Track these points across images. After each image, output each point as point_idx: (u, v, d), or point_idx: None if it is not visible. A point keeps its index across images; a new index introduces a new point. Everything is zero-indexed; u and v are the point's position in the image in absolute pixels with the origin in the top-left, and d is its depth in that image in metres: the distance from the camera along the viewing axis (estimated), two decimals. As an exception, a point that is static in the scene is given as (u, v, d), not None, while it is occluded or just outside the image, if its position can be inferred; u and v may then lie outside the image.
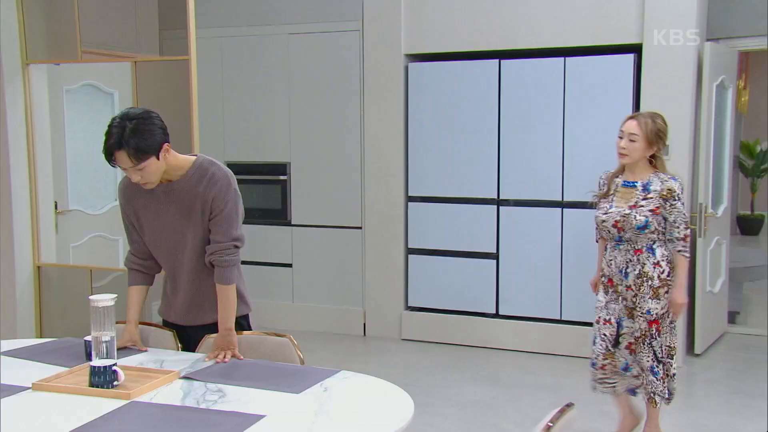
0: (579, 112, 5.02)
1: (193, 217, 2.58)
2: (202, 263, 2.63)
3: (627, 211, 3.34)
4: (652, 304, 3.37)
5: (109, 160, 2.43)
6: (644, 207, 3.33)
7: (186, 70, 4.03)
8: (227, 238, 2.58)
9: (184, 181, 2.57)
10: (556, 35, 5.04)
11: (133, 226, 2.70)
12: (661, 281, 3.36)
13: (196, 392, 2.23)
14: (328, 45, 5.67)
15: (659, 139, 3.35)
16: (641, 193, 3.36)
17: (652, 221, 3.32)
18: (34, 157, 4.59)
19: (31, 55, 4.53)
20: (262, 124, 5.91)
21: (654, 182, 3.36)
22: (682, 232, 3.34)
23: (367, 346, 5.55)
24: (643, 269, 3.36)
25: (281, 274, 5.91)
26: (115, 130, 2.40)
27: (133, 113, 2.44)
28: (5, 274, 4.55)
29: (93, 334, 2.28)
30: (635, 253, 3.38)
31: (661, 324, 3.41)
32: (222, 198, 2.56)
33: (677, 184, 3.34)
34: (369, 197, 5.61)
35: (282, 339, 2.67)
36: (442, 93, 5.35)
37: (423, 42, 5.40)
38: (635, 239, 3.36)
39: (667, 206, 3.33)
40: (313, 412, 2.10)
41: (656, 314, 3.39)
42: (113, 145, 2.40)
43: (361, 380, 2.39)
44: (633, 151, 3.35)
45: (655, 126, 3.34)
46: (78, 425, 1.96)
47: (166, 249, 2.66)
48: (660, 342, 3.43)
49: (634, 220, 3.32)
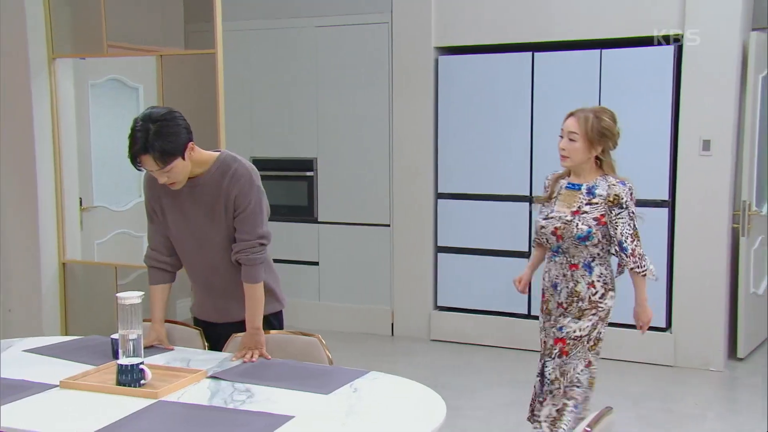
0: (615, 106, 4.86)
1: (217, 214, 2.60)
2: (229, 259, 2.64)
3: (569, 218, 2.97)
4: (568, 322, 3.00)
5: (135, 164, 2.46)
6: (588, 214, 2.95)
7: (212, 64, 4.06)
8: (253, 236, 2.59)
9: (207, 177, 2.59)
10: (592, 26, 4.99)
11: (158, 218, 2.71)
12: (590, 303, 3.00)
13: (223, 392, 2.25)
14: (356, 38, 5.67)
15: (603, 139, 2.97)
16: (585, 197, 2.99)
17: (596, 232, 2.93)
18: (60, 152, 4.65)
19: (57, 50, 4.60)
20: (288, 119, 5.93)
21: (600, 186, 2.98)
22: (630, 246, 2.94)
23: (395, 347, 5.55)
24: (575, 287, 3.00)
25: (307, 273, 5.93)
26: (139, 134, 2.41)
27: (156, 114, 2.44)
28: (31, 271, 4.63)
29: (120, 332, 2.32)
30: (570, 268, 3.01)
31: (570, 347, 2.99)
32: (245, 195, 2.57)
33: (625, 190, 2.95)
34: (397, 194, 5.61)
35: (310, 338, 2.68)
36: (472, 87, 5.33)
37: (453, 34, 5.38)
38: (573, 252, 2.99)
39: (612, 215, 2.94)
40: (344, 413, 2.11)
41: (567, 333, 3.00)
42: (139, 150, 2.42)
43: (391, 381, 2.39)
44: (573, 151, 2.97)
45: (599, 123, 2.96)
46: (106, 424, 1.99)
47: (191, 246, 2.68)
48: (556, 363, 3.01)
49: (576, 229, 2.94)
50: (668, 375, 4.80)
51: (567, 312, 3.02)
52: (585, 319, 2.99)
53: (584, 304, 3.00)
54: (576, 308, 3.01)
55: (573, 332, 3.00)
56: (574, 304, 3.01)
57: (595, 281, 2.99)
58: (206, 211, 2.60)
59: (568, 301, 3.02)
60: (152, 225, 2.74)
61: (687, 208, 4.84)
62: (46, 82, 4.57)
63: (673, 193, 4.89)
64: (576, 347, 3.00)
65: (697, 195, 4.81)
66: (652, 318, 3.09)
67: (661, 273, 4.92)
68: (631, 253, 2.95)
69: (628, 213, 2.95)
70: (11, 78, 4.55)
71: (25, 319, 4.67)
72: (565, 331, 3.00)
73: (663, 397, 4.44)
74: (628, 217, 2.95)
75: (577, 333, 2.99)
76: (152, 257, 2.74)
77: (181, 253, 2.73)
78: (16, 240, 4.66)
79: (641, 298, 3.04)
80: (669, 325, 4.98)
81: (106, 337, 2.68)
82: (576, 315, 3.00)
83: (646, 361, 4.96)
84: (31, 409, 2.12)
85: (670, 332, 4.97)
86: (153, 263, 2.74)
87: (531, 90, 5.16)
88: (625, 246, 2.94)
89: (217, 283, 2.70)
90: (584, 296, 2.99)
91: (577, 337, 3.00)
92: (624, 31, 4.90)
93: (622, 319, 5.02)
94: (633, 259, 2.96)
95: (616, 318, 5.05)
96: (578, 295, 3.00)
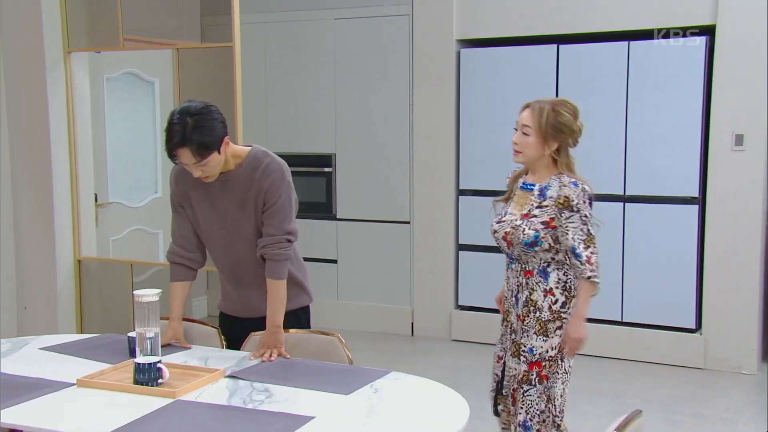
0: (644, 100, 4.92)
1: (247, 209, 2.63)
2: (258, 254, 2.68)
3: (518, 222, 2.77)
4: (536, 341, 2.76)
5: (172, 158, 2.50)
6: (537, 218, 2.74)
7: (229, 57, 4.07)
8: (280, 231, 2.62)
9: (239, 171, 2.62)
10: (620, 17, 4.94)
11: (185, 212, 2.73)
12: (552, 314, 2.74)
13: (242, 392, 2.25)
14: (376, 30, 5.67)
15: (560, 134, 2.73)
16: (537, 199, 2.77)
17: (545, 237, 2.72)
18: (75, 147, 4.69)
19: (73, 43, 4.63)
20: (306, 114, 5.94)
21: (553, 186, 2.75)
22: (584, 253, 2.69)
23: (415, 347, 5.54)
24: (531, 296, 2.77)
25: (325, 271, 5.94)
26: (177, 128, 2.45)
27: (194, 108, 2.49)
28: (46, 268, 4.68)
29: (137, 330, 2.33)
30: (525, 275, 2.79)
31: (546, 369, 2.76)
32: (275, 190, 2.61)
33: (577, 191, 2.69)
34: (418, 190, 5.60)
35: (330, 338, 2.68)
36: (495, 80, 5.30)
37: (476, 26, 5.36)
38: (525, 258, 2.78)
39: (562, 219, 2.70)
40: (364, 414, 2.11)
41: (540, 355, 2.75)
42: (177, 144, 2.46)
43: (413, 382, 2.38)
44: (525, 146, 2.76)
45: (555, 117, 2.72)
46: (123, 423, 2.00)
47: (221, 240, 2.70)
48: (539, 391, 2.77)
49: (522, 234, 2.73)
50: (698, 378, 4.76)
51: (525, 325, 2.78)
52: (552, 335, 2.74)
53: (544, 315, 2.75)
54: (534, 320, 2.76)
55: (546, 353, 2.75)
56: (532, 314, 2.76)
57: (552, 288, 2.75)
58: (237, 205, 2.63)
59: (525, 312, 2.78)
60: (178, 219, 2.76)
61: (718, 205, 4.79)
62: (61, 76, 4.61)
63: (703, 190, 4.84)
64: (553, 367, 2.76)
65: (728, 192, 4.75)
66: (585, 341, 2.75)
67: (690, 272, 4.88)
68: (586, 260, 2.69)
69: (580, 216, 2.69)
70: (27, 72, 4.59)
71: (40, 316, 4.72)
72: (538, 353, 2.75)
73: (693, 400, 4.40)
74: (580, 221, 2.69)
75: (550, 353, 2.75)
76: (176, 253, 2.76)
77: (210, 246, 2.75)
78: (31, 237, 4.71)
79: (582, 312, 2.73)
80: (699, 326, 4.93)
81: (123, 335, 2.70)
82: (537, 330, 2.75)
83: (675, 363, 4.92)
84: (49, 408, 2.14)
85: (700, 333, 4.92)
86: (176, 259, 2.76)
87: (556, 84, 5.13)
88: (579, 252, 2.69)
89: (245, 277, 2.73)
90: (542, 306, 2.75)
91: (551, 357, 2.75)
92: (653, 22, 4.85)
93: (648, 319, 5.02)
94: (590, 267, 2.70)
95: (643, 318, 5.07)
96: (535, 304, 2.76)
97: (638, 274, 5.00)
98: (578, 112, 2.78)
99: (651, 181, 4.94)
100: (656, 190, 4.93)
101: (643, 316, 5.03)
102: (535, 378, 2.77)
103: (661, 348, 4.96)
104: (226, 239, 2.69)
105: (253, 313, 2.76)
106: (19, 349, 2.67)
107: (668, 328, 4.98)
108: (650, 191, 4.95)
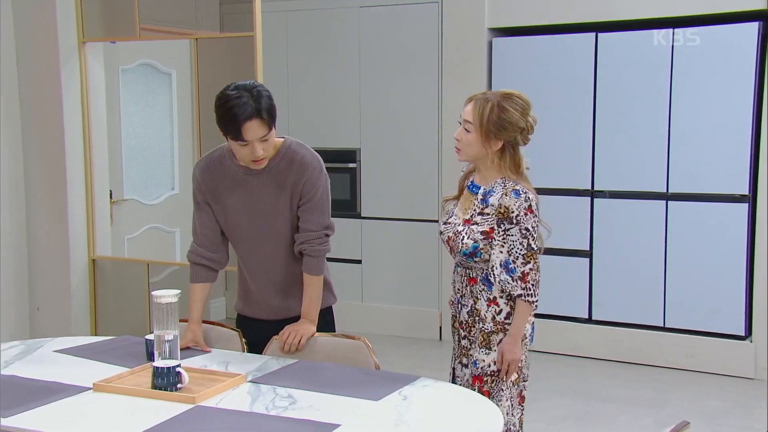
0: (689, 91, 4.87)
1: (282, 203, 2.67)
2: (291, 251, 2.72)
3: (459, 228, 2.69)
4: (479, 354, 2.69)
5: (239, 137, 2.49)
6: (477, 226, 2.65)
7: (250, 47, 4.10)
8: (318, 226, 2.67)
9: (273, 163, 2.66)
10: (663, 3, 4.89)
11: (209, 209, 2.74)
12: (495, 324, 2.67)
13: (264, 397, 2.27)
14: (403, 18, 5.67)
15: (503, 132, 2.61)
16: (479, 205, 2.68)
17: (484, 248, 2.63)
18: (90, 141, 4.75)
19: (88, 33, 4.69)
20: (329, 107, 5.96)
21: (496, 192, 2.65)
22: (519, 269, 2.59)
23: (443, 352, 5.53)
24: (475, 305, 2.70)
25: (349, 271, 5.96)
26: (243, 100, 2.47)
27: (245, 83, 2.54)
28: (60, 268, 4.74)
29: (155, 333, 2.35)
30: (469, 282, 2.73)
31: (488, 385, 2.68)
32: (314, 183, 2.65)
33: (518, 202, 2.59)
34: (447, 187, 5.59)
35: (356, 342, 2.69)
36: (530, 71, 5.28)
37: (509, 14, 5.34)
38: (468, 264, 2.71)
39: (500, 231, 2.61)
40: (392, 422, 2.11)
41: (482, 369, 2.69)
42: (250, 114, 2.47)
43: (443, 388, 2.39)
44: (466, 144, 2.67)
45: (499, 113, 2.60)
46: (142, 429, 2.03)
47: (250, 236, 2.73)
48: None
49: (461, 244, 2.66)
50: (748, 388, 4.70)
51: (470, 335, 2.72)
52: (495, 347, 2.67)
53: (487, 326, 2.67)
54: (478, 331, 2.69)
55: (488, 366, 2.68)
56: (476, 325, 2.70)
57: (497, 297, 2.66)
58: (272, 197, 2.67)
59: (469, 322, 2.72)
60: (201, 217, 2.76)
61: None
62: (75, 68, 4.67)
63: (754, 187, 4.78)
64: (497, 383, 2.68)
65: (780, 189, 4.70)
66: (518, 362, 2.67)
67: (739, 275, 4.82)
68: (520, 276, 2.59)
69: (520, 230, 2.59)
70: (40, 63, 4.66)
71: (53, 317, 4.79)
72: (480, 366, 2.69)
73: (742, 412, 4.35)
74: (519, 235, 2.58)
75: (492, 367, 2.67)
76: (197, 253, 2.78)
77: (237, 242, 2.77)
78: (44, 234, 4.78)
79: (516, 331, 2.64)
80: (749, 333, 4.88)
81: (140, 338, 2.74)
82: (482, 342, 2.68)
83: (723, 372, 4.87)
84: (64, 413, 2.17)
85: (750, 341, 4.87)
86: (198, 260, 2.78)
87: (594, 74, 5.10)
88: (512, 267, 2.59)
89: (271, 276, 2.76)
90: (485, 316, 2.67)
91: (493, 372, 2.68)
92: (700, 7, 4.80)
93: (693, 325, 4.98)
94: (522, 284, 2.60)
95: (687, 324, 5.03)
96: (478, 314, 2.69)
97: (682, 277, 4.96)
98: (528, 107, 2.66)
99: (696, 177, 4.90)
100: (702, 187, 4.89)
101: (687, 321, 4.99)
102: (478, 393, 2.64)
103: (707, 356, 4.91)
104: (255, 234, 2.71)
105: (275, 314, 2.79)
106: (34, 351, 2.71)
107: (715, 335, 4.93)
108: (695, 189, 4.90)
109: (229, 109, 2.49)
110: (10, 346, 2.76)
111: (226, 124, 2.51)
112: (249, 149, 2.53)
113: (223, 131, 2.54)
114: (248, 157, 2.56)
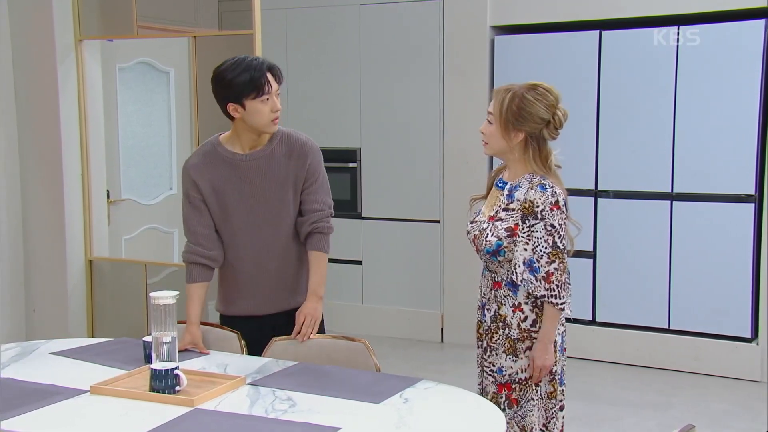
0: (694, 90, 4.87)
1: (285, 189, 2.75)
2: (291, 239, 2.81)
3: (484, 225, 2.63)
4: (505, 362, 2.62)
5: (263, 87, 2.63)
6: (502, 222, 2.58)
7: (249, 45, 4.10)
8: (326, 205, 2.84)
9: (270, 150, 2.75)
10: (666, 1, 4.90)
11: (204, 206, 2.76)
12: (521, 332, 2.59)
13: (264, 400, 2.27)
14: (404, 16, 5.67)
15: (524, 123, 2.57)
16: (505, 201, 2.61)
17: (508, 246, 2.55)
18: (87, 140, 4.75)
19: (85, 31, 4.69)
20: (329, 106, 5.96)
21: (522, 187, 2.58)
22: (544, 268, 2.52)
23: (445, 354, 5.54)
24: (499, 311, 2.64)
25: (350, 273, 5.96)
26: (251, 58, 2.66)
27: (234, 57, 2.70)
28: (56, 269, 4.74)
29: (153, 335, 2.35)
30: (494, 286, 2.66)
31: (516, 392, 2.62)
32: (317, 165, 2.81)
33: (544, 196, 2.53)
34: (448, 187, 5.59)
35: (356, 344, 2.69)
36: (532, 70, 5.28)
37: (511, 12, 5.34)
38: (493, 267, 2.64)
39: (525, 227, 2.54)
40: (393, 425, 2.11)
41: (509, 376, 2.62)
42: (268, 65, 2.67)
43: (444, 391, 2.39)
44: (489, 136, 2.63)
45: (519, 103, 2.56)
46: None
47: (249, 226, 2.76)
48: (509, 416, 2.61)
49: (485, 242, 2.59)
50: (755, 391, 4.70)
51: (494, 342, 2.66)
52: (522, 355, 2.60)
53: (513, 333, 2.60)
54: (503, 337, 2.62)
55: (516, 374, 2.61)
56: (500, 332, 2.63)
57: (522, 303, 2.59)
58: (276, 183, 2.74)
59: (493, 328, 2.65)
60: (195, 215, 2.77)
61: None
62: (72, 66, 4.67)
63: (760, 187, 4.78)
64: (525, 392, 2.61)
65: (787, 189, 4.70)
66: (552, 366, 2.61)
67: (745, 276, 4.82)
68: (544, 277, 2.52)
69: (545, 226, 2.52)
70: (36, 61, 4.66)
71: (50, 319, 4.79)
72: (507, 374, 2.61)
73: (749, 416, 4.35)
74: (544, 232, 2.52)
75: (520, 375, 2.60)
76: (194, 252, 2.78)
77: (234, 235, 2.78)
78: (40, 235, 4.77)
79: (546, 336, 2.57)
80: (755, 335, 4.87)
81: (137, 340, 2.73)
82: (507, 349, 2.62)
83: (729, 375, 4.87)
84: (61, 416, 2.17)
85: (756, 343, 4.86)
86: (195, 259, 2.78)
87: (598, 73, 5.10)
88: (536, 267, 2.51)
89: (268, 263, 2.80)
90: (511, 322, 2.60)
91: (522, 380, 2.61)
92: (704, 5, 4.80)
93: (698, 327, 4.97)
94: (546, 285, 2.52)
95: (693, 326, 5.02)
96: (503, 319, 2.62)
97: (687, 278, 4.95)
98: (556, 100, 2.60)
99: (702, 177, 4.90)
100: (708, 187, 4.88)
101: (692, 323, 4.98)
102: (504, 402, 2.63)
103: (713, 358, 4.90)
104: (255, 220, 2.75)
105: (269, 308, 2.83)
106: (30, 353, 2.71)
107: (721, 337, 4.93)
108: (701, 188, 4.90)
109: (246, 67, 2.62)
110: (5, 348, 2.76)
111: (247, 82, 2.61)
112: (270, 105, 2.65)
113: (243, 94, 2.62)
114: (267, 116, 2.66)
